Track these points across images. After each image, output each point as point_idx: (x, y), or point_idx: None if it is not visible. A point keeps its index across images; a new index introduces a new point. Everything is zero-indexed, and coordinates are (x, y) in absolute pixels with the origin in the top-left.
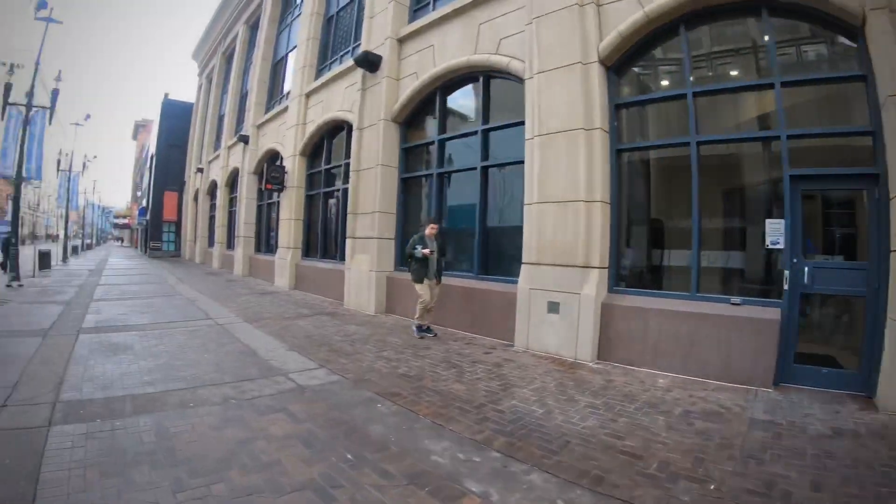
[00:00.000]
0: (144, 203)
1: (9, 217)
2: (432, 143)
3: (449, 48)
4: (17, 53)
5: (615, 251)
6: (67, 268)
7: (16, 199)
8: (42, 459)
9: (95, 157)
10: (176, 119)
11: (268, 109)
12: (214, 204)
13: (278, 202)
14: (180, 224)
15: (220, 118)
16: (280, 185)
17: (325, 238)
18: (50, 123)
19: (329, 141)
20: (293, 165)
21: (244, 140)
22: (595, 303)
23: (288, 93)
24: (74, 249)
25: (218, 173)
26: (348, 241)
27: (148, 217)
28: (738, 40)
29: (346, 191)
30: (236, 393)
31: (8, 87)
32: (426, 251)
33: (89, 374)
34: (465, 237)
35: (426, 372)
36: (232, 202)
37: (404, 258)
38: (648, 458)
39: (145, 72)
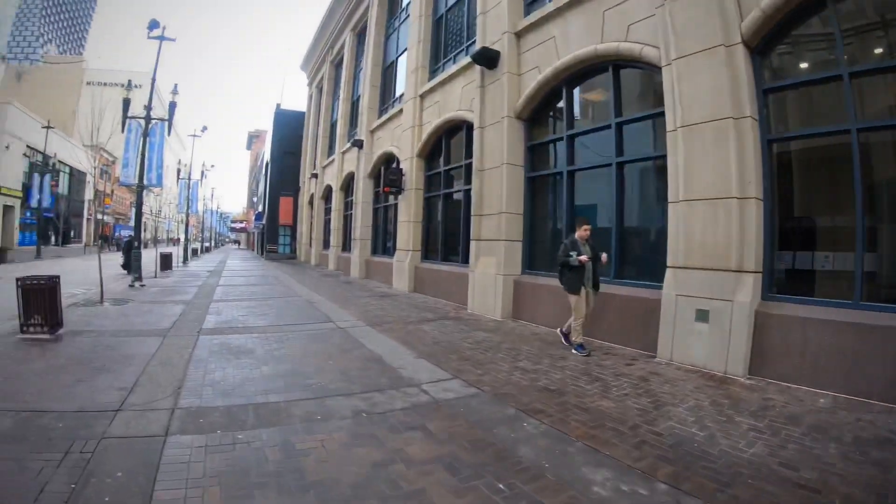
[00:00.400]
0: (261, 208)
1: (132, 222)
2: (560, 139)
3: (572, 39)
4: (135, 75)
5: (769, 253)
6: (188, 269)
7: (138, 206)
8: (157, 474)
9: (213, 166)
10: (288, 127)
11: (381, 113)
12: (329, 208)
13: (395, 205)
14: (296, 227)
15: (333, 125)
16: (398, 187)
17: (445, 240)
18: (168, 134)
19: (447, 141)
20: (411, 168)
21: (358, 145)
22: (749, 311)
23: (401, 95)
24: (194, 252)
25: (333, 178)
26: (473, 244)
27: (264, 221)
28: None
29: (467, 192)
30: (367, 405)
31: (126, 102)
32: (582, 258)
33: (209, 379)
34: (599, 238)
35: (568, 386)
36: (347, 206)
37: (543, 264)
38: (829, 494)
39: (256, 84)
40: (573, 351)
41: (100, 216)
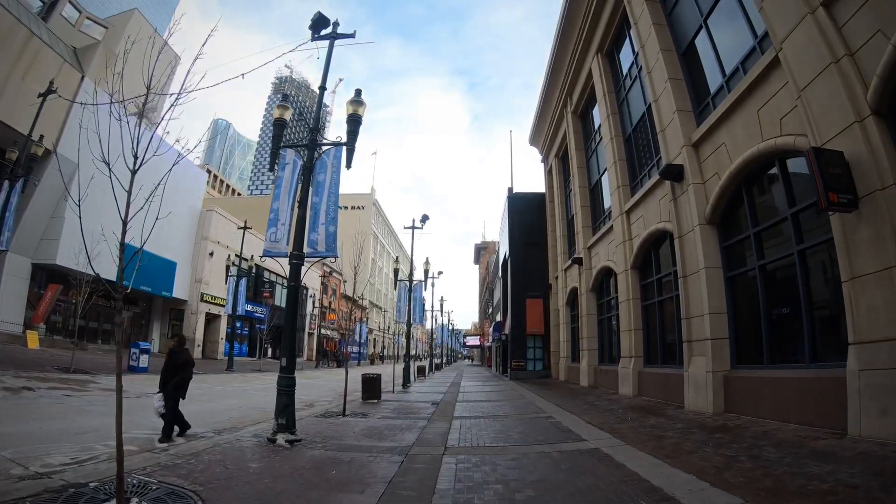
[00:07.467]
0: (499, 317)
1: (357, 336)
2: None
3: None
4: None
5: None
6: (405, 397)
7: (291, 289)
8: None
9: (441, 272)
10: (525, 214)
11: (700, 119)
12: (609, 301)
13: (801, 254)
14: (548, 337)
15: (593, 187)
16: (849, 196)
17: None
18: (349, 167)
19: None
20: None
21: (672, 175)
22: None
23: (750, 52)
24: (421, 371)
25: (614, 253)
26: None
27: (506, 331)
28: None
29: None
30: None
31: (280, 125)
32: None
33: None
34: None
35: None
36: (648, 291)
37: None
38: None
39: (480, 193)
40: None
41: (324, 331)
